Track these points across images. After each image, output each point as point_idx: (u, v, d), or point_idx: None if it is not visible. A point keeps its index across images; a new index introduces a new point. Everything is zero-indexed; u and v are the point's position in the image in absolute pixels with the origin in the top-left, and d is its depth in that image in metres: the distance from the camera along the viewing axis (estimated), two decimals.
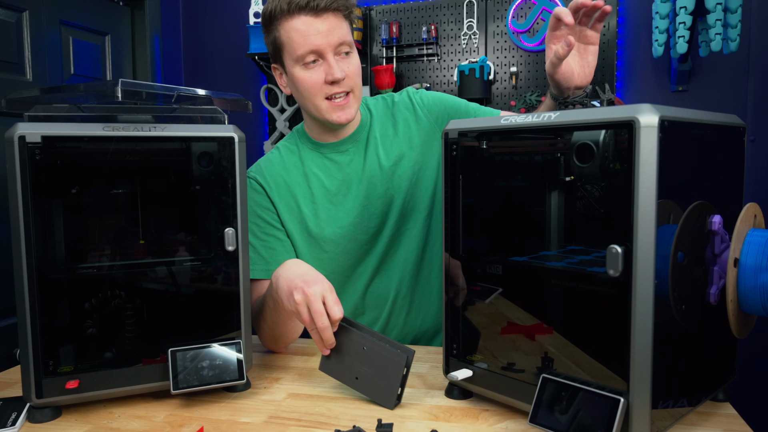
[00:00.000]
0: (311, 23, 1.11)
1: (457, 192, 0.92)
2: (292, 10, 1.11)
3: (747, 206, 0.81)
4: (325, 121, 1.19)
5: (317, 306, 0.94)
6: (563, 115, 0.78)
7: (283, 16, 1.13)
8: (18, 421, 0.90)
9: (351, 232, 1.24)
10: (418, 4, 2.67)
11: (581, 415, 0.73)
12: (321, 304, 0.94)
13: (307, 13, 1.11)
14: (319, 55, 1.13)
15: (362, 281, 1.28)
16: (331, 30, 1.12)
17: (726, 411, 0.88)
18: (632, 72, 2.47)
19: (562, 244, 0.83)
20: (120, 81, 0.88)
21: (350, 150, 1.26)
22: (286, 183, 1.25)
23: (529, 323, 0.86)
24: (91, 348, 0.94)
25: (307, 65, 1.14)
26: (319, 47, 1.12)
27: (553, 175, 0.82)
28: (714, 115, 0.82)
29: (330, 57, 1.13)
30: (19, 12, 2.03)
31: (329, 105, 1.16)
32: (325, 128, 1.25)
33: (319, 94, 1.16)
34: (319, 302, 0.94)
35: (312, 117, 1.23)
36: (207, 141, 0.98)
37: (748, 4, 2.24)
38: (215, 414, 0.94)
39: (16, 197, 0.87)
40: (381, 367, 0.94)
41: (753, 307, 0.78)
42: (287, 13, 1.12)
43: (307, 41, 1.12)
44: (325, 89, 1.15)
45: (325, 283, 0.98)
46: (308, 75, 1.15)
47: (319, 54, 1.13)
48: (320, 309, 0.94)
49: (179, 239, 1.01)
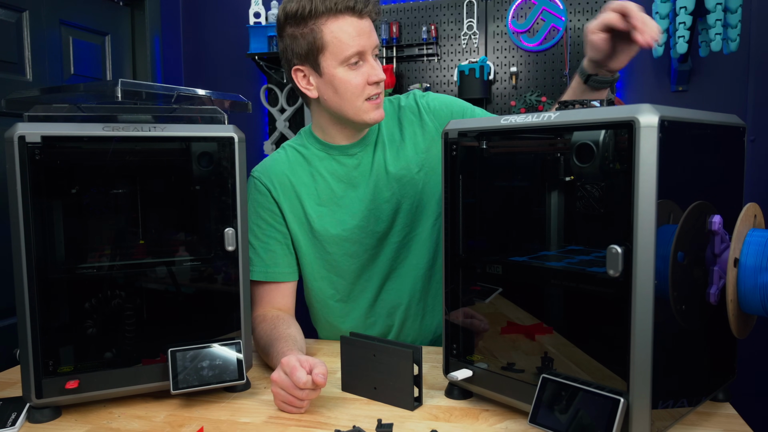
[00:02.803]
0: (357, 24, 1.13)
1: (457, 192, 0.92)
2: (340, 10, 1.11)
3: (747, 206, 0.81)
4: (361, 121, 1.19)
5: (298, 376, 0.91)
6: (563, 115, 0.78)
7: (326, 15, 1.12)
8: (18, 421, 0.90)
9: (356, 235, 1.24)
10: (418, 4, 2.67)
11: (581, 415, 0.73)
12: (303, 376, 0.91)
13: (353, 14, 1.12)
14: (361, 56, 1.15)
15: (372, 287, 1.27)
16: (371, 32, 1.15)
17: (726, 411, 0.88)
18: (632, 72, 2.47)
19: (562, 244, 0.83)
20: (120, 81, 0.88)
21: (358, 153, 1.26)
22: (291, 183, 1.25)
23: (529, 323, 0.86)
24: (91, 348, 0.94)
25: (351, 66, 1.15)
26: (364, 48, 1.14)
27: (553, 175, 0.82)
28: (714, 115, 0.82)
29: (371, 58, 1.16)
30: (19, 12, 2.03)
31: (369, 105, 1.17)
32: (343, 129, 1.24)
33: (361, 95, 1.16)
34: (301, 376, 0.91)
35: (340, 118, 1.21)
36: (207, 141, 0.98)
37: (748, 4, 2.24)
38: (215, 414, 0.94)
39: (16, 197, 0.87)
40: (393, 370, 0.94)
41: (753, 307, 0.78)
42: (333, 12, 1.11)
43: (355, 42, 1.12)
44: (367, 90, 1.16)
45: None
46: (353, 76, 1.15)
47: (362, 56, 1.15)
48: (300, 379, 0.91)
49: (179, 239, 1.01)
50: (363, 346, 0.98)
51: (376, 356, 0.96)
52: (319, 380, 0.90)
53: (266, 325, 1.14)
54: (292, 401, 0.92)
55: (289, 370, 0.91)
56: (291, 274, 1.25)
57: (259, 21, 2.70)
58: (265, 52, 2.67)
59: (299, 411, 0.93)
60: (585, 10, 2.46)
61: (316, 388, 0.91)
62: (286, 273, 1.24)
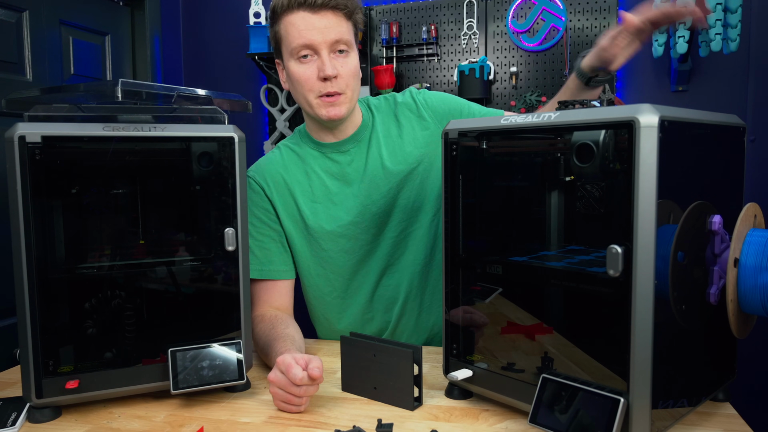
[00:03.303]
0: (308, 18, 1.13)
1: (457, 192, 0.92)
2: (292, 5, 1.14)
3: (747, 206, 0.81)
4: (316, 116, 1.20)
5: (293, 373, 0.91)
6: (563, 115, 0.78)
7: (283, 11, 1.15)
8: (18, 421, 0.90)
9: (351, 231, 1.24)
10: (418, 4, 2.67)
11: (581, 415, 0.73)
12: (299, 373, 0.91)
13: (305, 9, 1.13)
14: (314, 50, 1.14)
15: (368, 283, 1.28)
16: (328, 27, 1.13)
17: (726, 411, 0.88)
18: (632, 72, 2.47)
19: (562, 244, 0.83)
20: (120, 81, 0.88)
21: (352, 150, 1.26)
22: (285, 181, 1.25)
23: (529, 323, 0.86)
24: (91, 348, 0.94)
25: (300, 59, 1.15)
26: (313, 42, 1.13)
27: (553, 175, 0.82)
28: (714, 115, 0.82)
29: (324, 54, 1.14)
30: (19, 12, 2.03)
31: (320, 101, 1.17)
32: (323, 127, 1.25)
33: (312, 91, 1.17)
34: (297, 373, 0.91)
35: (306, 113, 1.24)
36: (207, 141, 0.98)
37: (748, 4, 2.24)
38: (215, 414, 0.94)
39: (16, 197, 0.87)
40: (393, 370, 0.94)
41: (753, 307, 0.78)
42: (287, 8, 1.14)
43: (301, 35, 1.13)
44: (317, 86, 1.16)
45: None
46: (302, 69, 1.16)
47: (314, 49, 1.14)
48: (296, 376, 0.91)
49: (179, 239, 1.01)
50: (363, 345, 0.98)
51: (376, 356, 0.96)
52: (314, 374, 0.90)
53: (264, 325, 1.14)
54: (290, 399, 0.92)
55: (284, 368, 0.91)
56: (287, 272, 1.26)
57: (259, 21, 2.70)
58: (265, 52, 2.67)
59: (298, 410, 0.93)
60: (585, 10, 2.46)
61: (314, 383, 0.91)
62: (282, 271, 1.25)
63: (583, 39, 2.46)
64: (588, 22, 2.45)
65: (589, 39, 2.45)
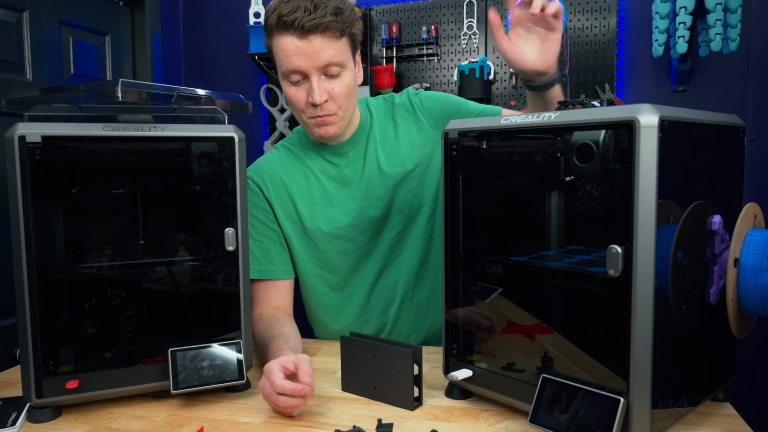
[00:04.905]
0: (295, 44, 1.09)
1: (457, 192, 0.92)
2: (279, 27, 1.09)
3: (747, 206, 0.81)
4: (310, 134, 1.22)
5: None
6: (563, 115, 0.78)
7: (273, 30, 1.12)
8: (18, 421, 0.90)
9: (348, 233, 1.24)
10: (418, 4, 2.67)
11: (581, 415, 0.73)
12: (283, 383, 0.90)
13: (293, 33, 1.08)
14: (303, 75, 1.12)
15: (365, 284, 1.28)
16: (316, 52, 1.09)
17: (726, 411, 0.88)
18: (632, 72, 2.47)
19: (562, 244, 0.83)
20: (120, 81, 0.88)
21: (350, 152, 1.26)
22: (283, 182, 1.26)
23: (529, 323, 0.86)
24: (91, 348, 0.94)
25: (292, 82, 1.14)
26: (301, 68, 1.11)
27: (553, 175, 0.82)
28: (714, 115, 0.82)
29: (314, 79, 1.11)
30: (19, 12, 2.03)
31: (312, 121, 1.17)
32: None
33: (303, 112, 1.16)
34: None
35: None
36: (207, 141, 0.98)
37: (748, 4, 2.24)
38: (215, 414, 0.94)
39: (16, 197, 0.87)
40: (393, 370, 0.94)
41: (753, 307, 0.78)
42: (275, 29, 1.11)
43: (290, 61, 1.10)
44: (308, 109, 1.15)
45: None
46: (293, 92, 1.15)
47: (303, 74, 1.12)
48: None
49: (179, 239, 1.01)
50: (363, 345, 0.98)
51: (376, 356, 0.96)
52: (296, 389, 0.87)
53: (261, 325, 1.15)
54: (276, 408, 0.92)
55: (268, 375, 0.91)
56: (286, 272, 1.26)
57: (259, 21, 2.70)
58: (265, 52, 2.67)
59: (292, 414, 0.92)
60: (585, 10, 2.46)
61: (298, 398, 0.89)
62: (281, 271, 1.25)
63: (583, 39, 2.46)
64: (588, 22, 2.45)
65: (589, 39, 2.45)
